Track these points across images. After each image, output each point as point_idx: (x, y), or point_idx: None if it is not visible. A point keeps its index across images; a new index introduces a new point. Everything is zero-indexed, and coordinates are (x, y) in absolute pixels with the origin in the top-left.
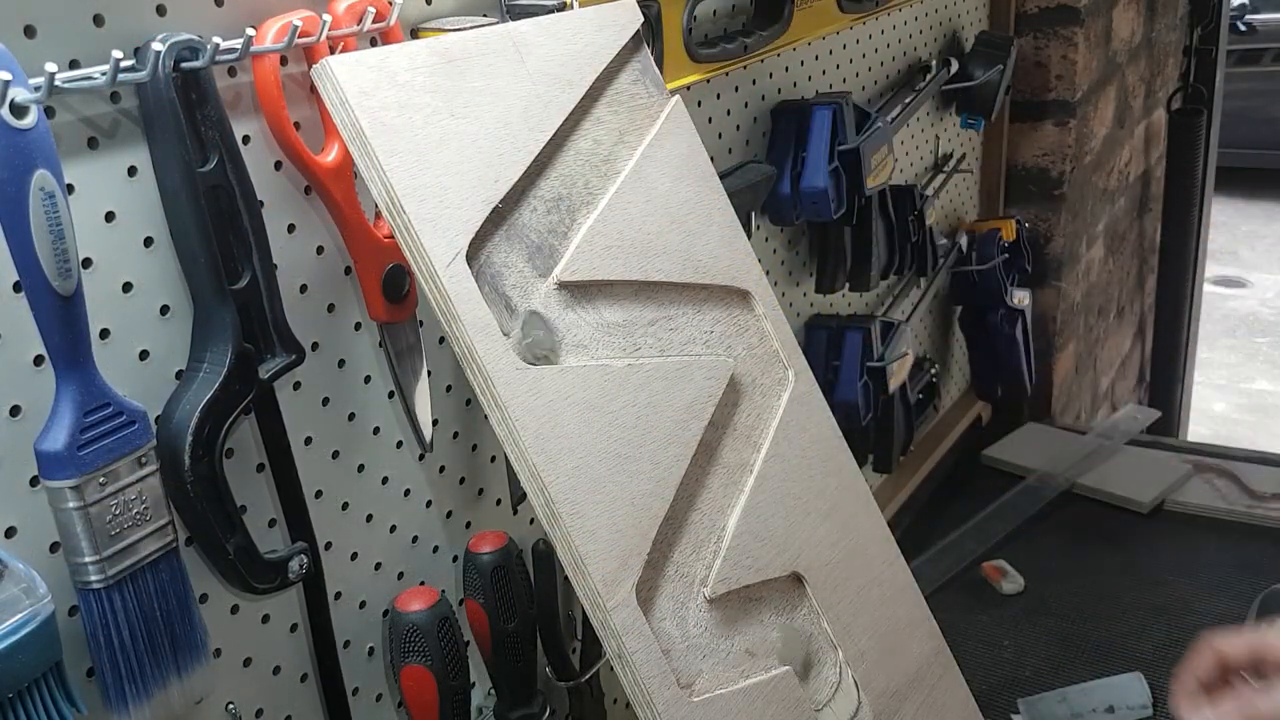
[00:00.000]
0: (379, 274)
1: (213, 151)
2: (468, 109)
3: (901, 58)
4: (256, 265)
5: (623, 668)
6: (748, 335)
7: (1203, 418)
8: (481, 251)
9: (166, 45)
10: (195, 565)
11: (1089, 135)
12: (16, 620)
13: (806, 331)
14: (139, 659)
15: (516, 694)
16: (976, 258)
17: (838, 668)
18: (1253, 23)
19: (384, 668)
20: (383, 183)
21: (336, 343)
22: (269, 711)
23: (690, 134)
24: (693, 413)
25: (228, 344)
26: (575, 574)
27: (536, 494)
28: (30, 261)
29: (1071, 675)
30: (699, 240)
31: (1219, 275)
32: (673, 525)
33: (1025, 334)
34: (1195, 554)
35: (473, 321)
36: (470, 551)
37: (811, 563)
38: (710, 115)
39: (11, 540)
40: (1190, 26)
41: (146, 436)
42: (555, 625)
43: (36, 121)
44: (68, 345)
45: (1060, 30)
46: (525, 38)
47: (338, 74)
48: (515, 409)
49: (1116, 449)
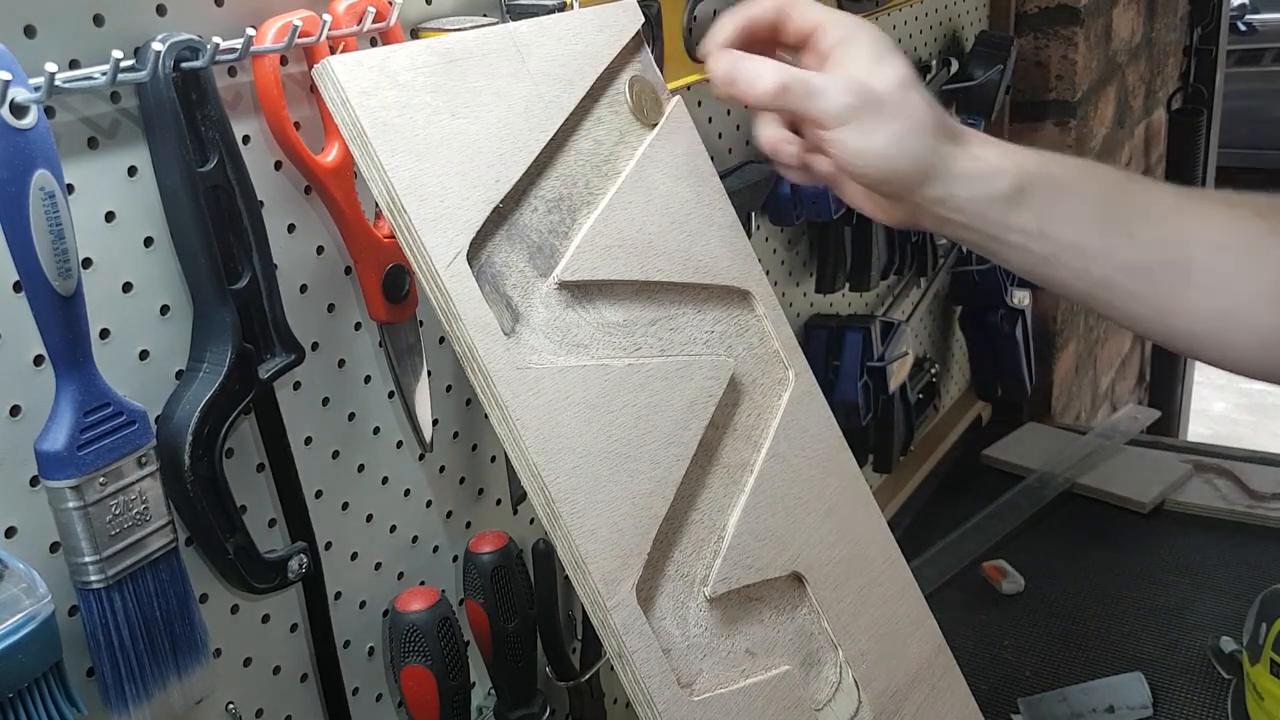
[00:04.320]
0: (379, 274)
1: (213, 151)
2: (469, 109)
3: None
4: (256, 265)
5: (623, 667)
6: (748, 335)
7: (1203, 418)
8: (482, 251)
9: (166, 45)
10: (195, 565)
11: (1089, 135)
12: (16, 620)
13: (806, 331)
14: (139, 659)
15: (516, 694)
16: (976, 258)
17: (838, 667)
18: (1253, 23)
19: (384, 668)
20: (384, 182)
21: (336, 343)
22: (269, 711)
23: (691, 134)
24: (693, 412)
25: (228, 344)
26: (575, 573)
27: (536, 494)
28: (30, 261)
29: (1071, 675)
30: (700, 240)
31: None
32: (673, 525)
33: (1025, 334)
34: (1195, 554)
35: (473, 321)
36: (470, 551)
37: (812, 562)
38: (710, 115)
39: (11, 540)
40: (1190, 26)
41: (146, 436)
42: (555, 625)
43: (36, 121)
44: (68, 345)
45: (1060, 30)
46: (526, 38)
47: (339, 74)
48: (516, 409)
49: (1116, 449)
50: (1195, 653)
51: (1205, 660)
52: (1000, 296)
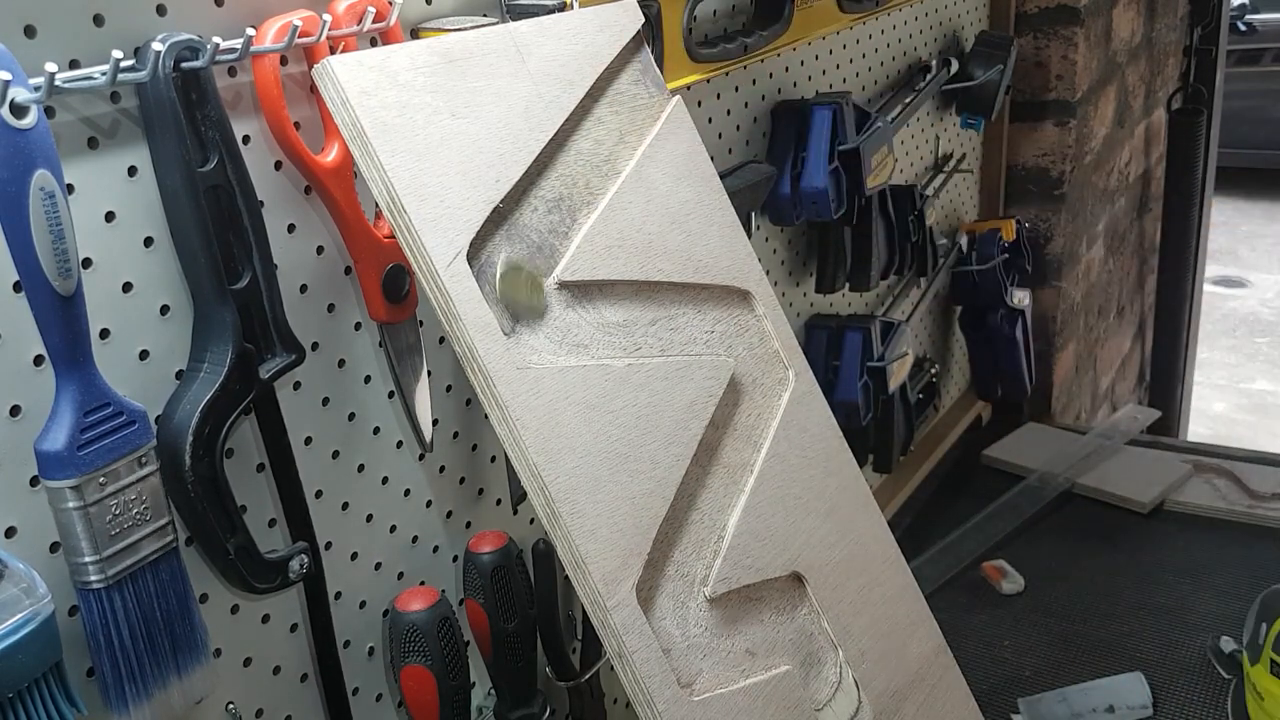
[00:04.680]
0: (379, 274)
1: (213, 151)
2: (469, 109)
3: (901, 58)
4: (256, 265)
5: (623, 667)
6: (748, 335)
7: (1203, 418)
8: (482, 251)
9: (166, 45)
10: (195, 565)
11: (1089, 135)
12: (16, 620)
13: (806, 331)
14: (139, 659)
15: (516, 694)
16: (976, 258)
17: (838, 667)
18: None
19: (384, 668)
20: (384, 182)
21: (336, 343)
22: (269, 711)
23: (691, 134)
24: (693, 412)
25: (228, 344)
26: (575, 573)
27: (537, 493)
28: (30, 261)
29: (1071, 675)
30: (699, 240)
31: (1219, 275)
32: (673, 525)
33: (1025, 334)
34: (1195, 554)
35: (473, 321)
36: (470, 551)
37: (812, 562)
38: (710, 115)
39: (11, 540)
40: (1190, 26)
41: (146, 436)
42: (555, 625)
43: (36, 121)
44: (68, 345)
45: (1060, 30)
46: (526, 38)
47: (339, 74)
48: (516, 409)
49: (1116, 449)
50: (1195, 653)
51: (1205, 660)
52: (1000, 296)
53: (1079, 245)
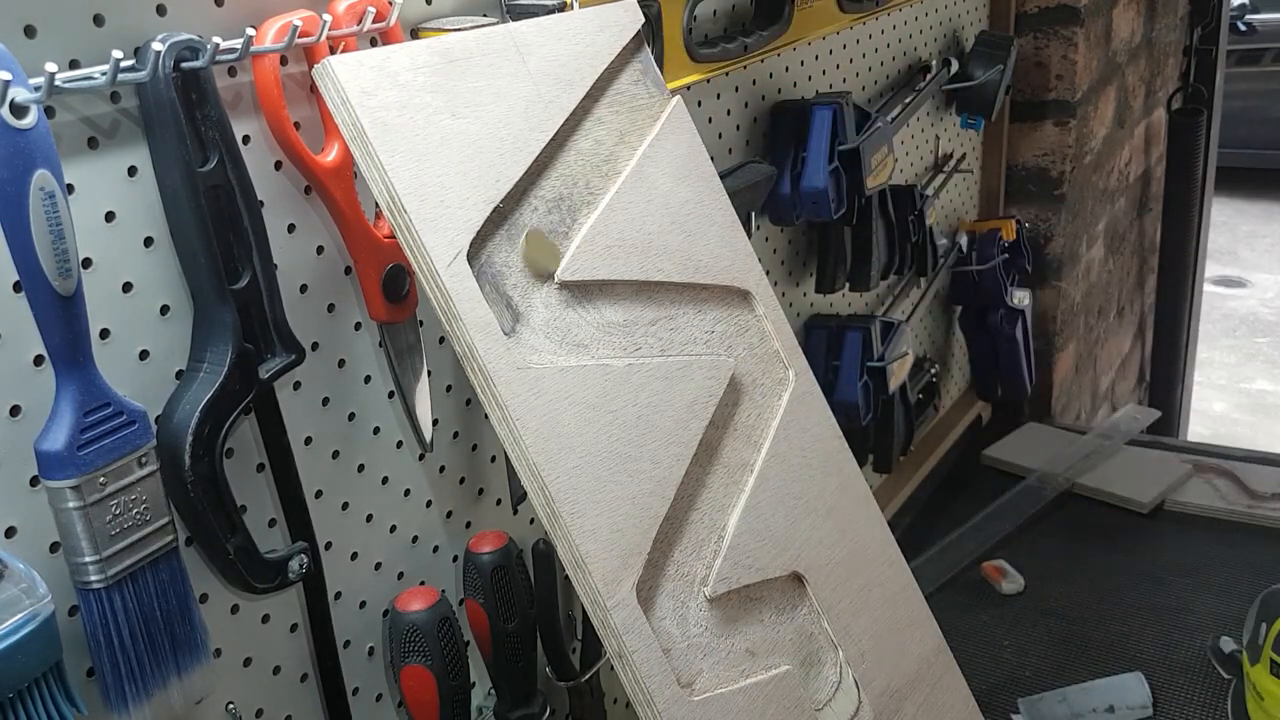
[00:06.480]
0: (379, 274)
1: (213, 151)
2: (469, 109)
3: (901, 58)
4: (256, 265)
5: (623, 667)
6: (748, 335)
7: (1203, 418)
8: (482, 251)
9: (166, 45)
10: (195, 565)
11: (1089, 135)
12: (16, 620)
13: (806, 331)
14: (139, 659)
15: (516, 694)
16: (976, 258)
17: (838, 667)
18: (1253, 23)
19: (384, 668)
20: (384, 182)
21: (336, 343)
22: (269, 711)
23: (691, 134)
24: (693, 412)
25: (228, 344)
26: (575, 573)
27: (537, 493)
28: (30, 261)
29: (1071, 675)
30: (699, 240)
31: (1219, 275)
32: (673, 524)
33: (1025, 334)
34: (1195, 554)
35: (473, 321)
36: (470, 551)
37: (812, 562)
38: (710, 115)
39: (11, 540)
40: (1190, 26)
41: (146, 436)
42: (555, 625)
43: (36, 121)
44: (68, 345)
45: (1060, 30)
46: (526, 38)
47: (339, 74)
48: (516, 409)
49: (1116, 449)
50: (1195, 653)
51: (1205, 660)
52: (1000, 296)
53: (1079, 245)
